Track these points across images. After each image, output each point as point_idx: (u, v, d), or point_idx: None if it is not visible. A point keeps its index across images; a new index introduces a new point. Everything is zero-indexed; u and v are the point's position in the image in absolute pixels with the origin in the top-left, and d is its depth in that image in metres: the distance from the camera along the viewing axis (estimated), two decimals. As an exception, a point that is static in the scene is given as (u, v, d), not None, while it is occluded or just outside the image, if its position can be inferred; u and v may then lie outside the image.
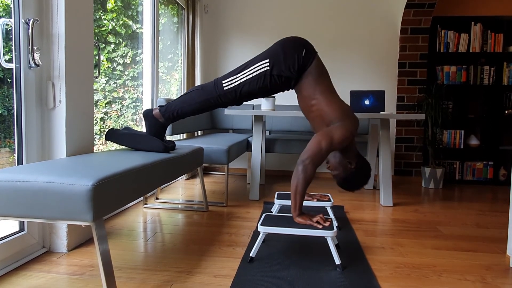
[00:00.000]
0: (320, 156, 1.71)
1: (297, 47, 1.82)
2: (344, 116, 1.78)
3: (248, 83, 1.84)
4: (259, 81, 1.83)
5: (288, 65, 1.80)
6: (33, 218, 1.16)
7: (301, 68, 1.81)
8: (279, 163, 4.25)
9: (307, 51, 1.82)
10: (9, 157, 1.79)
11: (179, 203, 2.74)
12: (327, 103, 1.79)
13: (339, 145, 1.75)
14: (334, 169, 1.90)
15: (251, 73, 1.83)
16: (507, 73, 3.82)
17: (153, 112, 1.93)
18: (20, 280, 1.42)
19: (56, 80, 1.68)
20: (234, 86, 1.85)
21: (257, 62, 1.84)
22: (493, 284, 1.51)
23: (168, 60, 3.71)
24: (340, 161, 1.88)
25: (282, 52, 1.82)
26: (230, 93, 1.86)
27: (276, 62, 1.81)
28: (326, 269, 1.58)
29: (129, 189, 1.35)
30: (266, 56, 1.84)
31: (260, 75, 1.82)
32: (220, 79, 1.88)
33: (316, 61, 1.84)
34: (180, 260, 1.67)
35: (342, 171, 1.87)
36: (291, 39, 1.86)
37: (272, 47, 1.87)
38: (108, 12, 2.75)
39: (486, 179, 3.92)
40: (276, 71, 1.81)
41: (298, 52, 1.81)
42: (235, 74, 1.86)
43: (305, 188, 1.69)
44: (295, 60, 1.80)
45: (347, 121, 1.77)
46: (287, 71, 1.81)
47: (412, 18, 3.85)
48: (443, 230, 2.23)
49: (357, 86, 4.08)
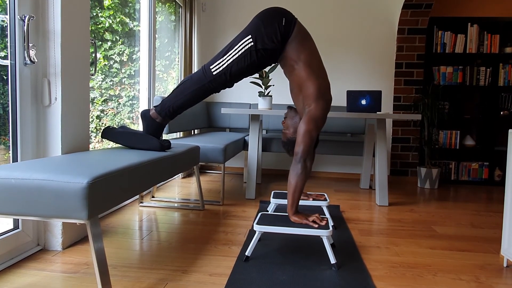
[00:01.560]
0: (312, 145, 1.77)
1: (276, 17, 1.83)
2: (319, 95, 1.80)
3: (235, 63, 1.84)
4: (246, 59, 1.84)
5: (270, 36, 1.81)
6: (28, 216, 1.16)
7: (284, 36, 1.83)
8: (275, 162, 4.25)
9: (286, 19, 1.84)
10: (4, 155, 1.78)
11: (175, 201, 2.74)
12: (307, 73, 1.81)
13: (322, 125, 1.81)
14: (286, 128, 1.99)
15: (236, 52, 1.84)
16: (503, 74, 3.84)
17: (150, 112, 1.93)
18: (14, 278, 1.42)
19: (51, 77, 1.67)
20: (223, 69, 1.86)
21: (240, 40, 1.85)
22: (487, 283, 1.52)
23: (165, 58, 3.70)
24: (294, 124, 1.97)
25: (262, 25, 1.82)
26: (220, 76, 1.87)
27: (259, 36, 1.82)
28: (321, 268, 1.58)
29: (124, 187, 1.35)
30: (247, 32, 1.84)
31: (246, 52, 1.83)
32: (207, 65, 1.88)
33: (297, 27, 1.86)
34: (176, 258, 1.67)
35: (292, 132, 1.97)
36: (269, 10, 1.87)
37: (252, 22, 1.87)
38: (105, 9, 2.74)
39: (482, 179, 3.94)
40: (260, 44, 1.82)
41: (278, 21, 1.82)
42: (221, 57, 1.86)
43: (303, 185, 1.72)
44: (276, 30, 1.81)
45: (321, 100, 1.80)
46: (271, 43, 1.82)
47: (409, 18, 3.86)
48: (438, 230, 2.24)
49: (354, 86, 4.09)
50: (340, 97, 4.12)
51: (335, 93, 4.12)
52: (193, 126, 3.55)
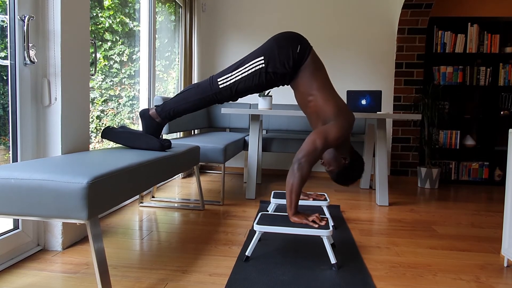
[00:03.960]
0: (315, 155, 1.71)
1: (291, 43, 1.80)
2: (339, 113, 1.77)
3: (243, 80, 1.83)
4: (255, 78, 1.82)
5: (283, 61, 1.79)
6: (28, 216, 1.16)
7: (296, 64, 1.80)
8: (275, 162, 4.25)
9: (301, 46, 1.81)
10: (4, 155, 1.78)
11: (175, 201, 2.74)
12: (323, 99, 1.79)
13: (333, 143, 1.75)
14: (329, 165, 1.90)
15: (246, 70, 1.82)
16: (503, 74, 3.84)
17: (149, 112, 1.92)
18: (14, 278, 1.42)
19: (51, 77, 1.67)
20: (230, 84, 1.84)
21: (252, 59, 1.83)
22: (487, 283, 1.52)
23: (165, 58, 3.70)
24: (334, 157, 1.88)
25: (277, 48, 1.80)
26: (226, 90, 1.85)
27: (271, 59, 1.80)
28: (321, 268, 1.58)
29: (124, 188, 1.35)
30: (260, 53, 1.83)
31: (255, 72, 1.81)
32: (215, 77, 1.87)
33: (311, 56, 1.83)
34: (176, 258, 1.67)
35: (336, 166, 1.88)
36: (285, 35, 1.85)
37: (267, 43, 1.86)
38: (105, 9, 2.74)
39: (482, 179, 3.94)
40: (271, 68, 1.80)
41: (293, 48, 1.79)
42: (230, 72, 1.85)
43: (300, 187, 1.69)
44: (290, 56, 1.79)
45: (342, 118, 1.77)
46: (282, 68, 1.80)
47: (409, 18, 3.86)
48: (439, 229, 2.24)
49: (354, 86, 4.09)
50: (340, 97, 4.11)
51: (335, 93, 4.11)
52: (193, 126, 3.55)
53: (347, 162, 1.86)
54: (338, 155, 1.86)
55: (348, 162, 1.86)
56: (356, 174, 1.89)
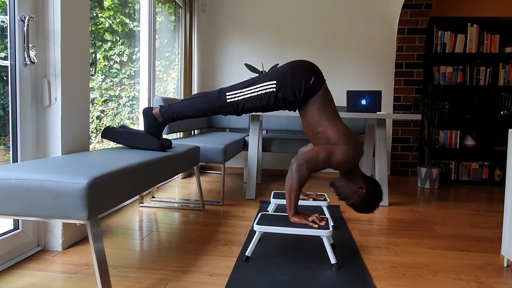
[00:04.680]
0: (315, 163, 1.71)
1: (306, 73, 1.80)
2: (349, 141, 1.76)
3: (251, 100, 1.83)
4: (263, 100, 1.83)
5: (294, 90, 1.79)
6: (28, 216, 1.16)
7: (307, 94, 1.80)
8: (275, 162, 4.25)
9: (315, 78, 1.81)
10: (4, 155, 1.78)
11: (175, 201, 2.74)
12: (333, 129, 1.78)
13: (335, 164, 1.74)
14: (348, 199, 1.87)
15: (256, 90, 1.83)
16: (503, 74, 3.84)
17: (153, 111, 1.93)
18: (14, 278, 1.42)
19: (51, 77, 1.67)
20: (237, 100, 1.85)
21: (264, 81, 1.83)
22: (487, 283, 1.52)
23: (165, 59, 3.70)
24: (351, 190, 1.85)
25: (291, 76, 1.80)
26: (232, 105, 1.86)
27: (283, 85, 1.80)
28: (321, 268, 1.58)
29: (124, 188, 1.35)
30: (274, 77, 1.82)
31: (265, 94, 1.82)
32: (224, 90, 1.87)
33: (323, 89, 1.83)
34: (176, 259, 1.67)
35: (356, 198, 1.85)
36: (301, 63, 1.84)
37: (282, 67, 1.85)
38: (105, 10, 2.74)
39: (482, 179, 3.94)
40: (281, 94, 1.80)
41: (307, 78, 1.79)
42: (240, 88, 1.85)
43: (299, 188, 1.69)
44: (302, 86, 1.79)
45: (351, 146, 1.75)
46: (292, 96, 1.80)
47: (409, 18, 3.86)
48: (438, 229, 2.24)
49: (354, 86, 4.09)
50: (340, 97, 4.12)
51: (335, 93, 4.12)
52: (193, 126, 3.55)
53: (364, 191, 1.84)
54: (354, 187, 1.84)
55: (365, 190, 1.84)
56: (377, 199, 1.87)
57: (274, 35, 4.13)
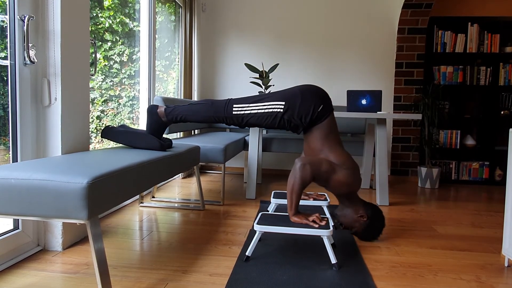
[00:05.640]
0: (318, 169, 1.71)
1: (316, 100, 1.80)
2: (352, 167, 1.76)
3: (257, 116, 1.84)
4: (268, 118, 1.83)
5: (301, 114, 1.79)
6: (28, 216, 1.16)
7: (313, 121, 1.81)
8: (276, 162, 4.25)
9: (324, 106, 1.81)
10: (4, 155, 1.78)
11: (176, 201, 2.73)
12: (335, 155, 1.78)
13: (333, 183, 1.75)
14: (351, 227, 1.88)
15: (263, 108, 1.83)
16: (503, 74, 3.84)
17: (158, 109, 1.93)
18: (14, 278, 1.42)
19: (51, 77, 1.67)
20: (243, 114, 1.86)
21: (273, 100, 1.83)
22: (487, 283, 1.51)
23: (165, 59, 3.70)
24: (352, 218, 1.86)
25: (300, 100, 1.80)
26: (237, 118, 1.87)
27: (291, 108, 1.80)
28: (322, 268, 1.58)
29: (125, 188, 1.35)
30: (283, 98, 1.83)
31: (271, 113, 1.83)
32: (232, 102, 1.88)
33: (330, 118, 1.83)
34: (176, 258, 1.67)
35: (358, 227, 1.86)
36: (313, 89, 1.84)
37: (293, 90, 1.85)
38: (105, 9, 2.74)
39: (482, 179, 3.93)
40: (287, 116, 1.81)
41: (315, 105, 1.79)
42: (248, 103, 1.86)
43: (301, 188, 1.69)
44: (309, 112, 1.79)
45: (353, 172, 1.76)
46: (298, 120, 1.80)
47: (409, 18, 3.85)
48: (439, 229, 2.24)
49: (354, 85, 4.09)
50: (340, 97, 4.12)
51: (335, 93, 4.12)
52: (193, 126, 3.55)
53: (366, 219, 1.84)
54: (354, 216, 1.85)
55: (366, 218, 1.84)
56: (379, 226, 1.88)
57: (274, 35, 4.13)
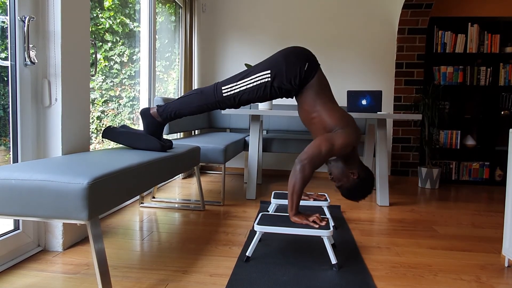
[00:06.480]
0: (319, 159, 1.70)
1: (300, 60, 1.79)
2: (346, 124, 1.76)
3: (247, 92, 1.83)
4: (259, 91, 1.82)
5: (289, 78, 1.78)
6: (28, 217, 1.16)
7: (302, 81, 1.79)
8: (276, 163, 4.25)
9: (310, 65, 1.79)
10: (5, 156, 1.78)
11: (176, 202, 2.74)
12: (328, 114, 1.78)
13: (338, 151, 1.74)
14: (338, 181, 1.87)
15: (251, 82, 1.82)
16: (504, 74, 3.84)
17: (150, 111, 1.92)
18: (14, 279, 1.42)
19: (52, 78, 1.67)
20: (233, 94, 1.84)
21: (258, 71, 1.82)
22: (488, 283, 1.52)
23: (166, 59, 3.70)
24: (342, 172, 1.85)
25: (285, 64, 1.78)
26: (229, 99, 1.85)
27: (278, 74, 1.78)
28: (322, 268, 1.58)
29: (125, 188, 1.35)
30: (268, 67, 1.81)
31: (261, 85, 1.81)
32: (220, 85, 1.86)
33: (318, 74, 1.82)
34: (176, 259, 1.67)
35: (345, 182, 1.84)
36: (294, 50, 1.83)
37: (275, 56, 1.84)
38: (105, 10, 2.74)
39: (482, 179, 3.93)
40: (277, 83, 1.79)
41: (301, 65, 1.78)
42: (235, 82, 1.84)
43: (302, 188, 1.69)
44: (297, 73, 1.77)
45: (349, 129, 1.75)
46: (288, 84, 1.79)
47: (409, 18, 3.86)
48: (439, 230, 2.24)
49: (354, 86, 4.09)
50: (340, 97, 4.12)
51: (335, 93, 4.12)
52: (194, 126, 3.55)
53: (356, 177, 1.83)
54: (346, 170, 1.84)
55: (356, 177, 1.83)
56: (366, 189, 1.85)
57: (274, 35, 4.13)
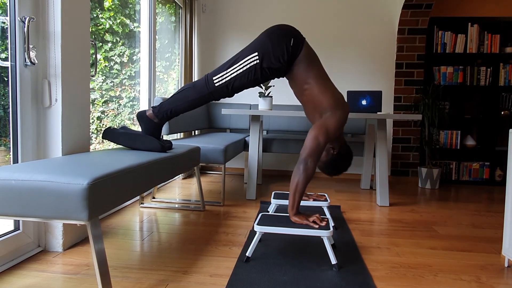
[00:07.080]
0: (319, 150, 1.74)
1: (285, 36, 1.79)
2: (337, 105, 1.79)
3: (239, 77, 1.83)
4: (250, 75, 1.82)
5: (277, 56, 1.78)
6: (28, 217, 1.16)
7: (291, 57, 1.80)
8: (276, 163, 4.25)
9: (295, 40, 1.80)
10: (5, 156, 1.78)
11: (176, 202, 2.74)
12: (319, 89, 1.80)
13: (334, 135, 1.78)
14: None
15: (241, 67, 1.82)
16: (504, 74, 3.84)
17: (146, 113, 1.93)
18: (15, 279, 1.42)
19: (52, 78, 1.67)
20: (225, 82, 1.85)
21: (246, 55, 1.82)
22: (488, 284, 1.52)
23: (166, 59, 3.70)
24: None
25: (270, 43, 1.79)
26: (222, 88, 1.86)
27: (265, 55, 1.79)
28: (322, 268, 1.58)
29: (125, 188, 1.35)
30: (254, 49, 1.82)
31: (250, 68, 1.81)
32: (210, 75, 1.87)
33: (305, 48, 1.83)
34: (176, 259, 1.67)
35: (324, 155, 1.91)
36: (277, 28, 1.83)
37: (259, 38, 1.84)
38: (105, 10, 2.74)
39: (482, 179, 3.93)
40: (266, 63, 1.80)
41: (287, 42, 1.78)
42: (225, 70, 1.85)
43: (305, 186, 1.70)
44: (284, 51, 1.78)
45: (339, 110, 1.79)
46: (277, 62, 1.79)
47: (409, 18, 3.86)
48: (439, 230, 2.24)
49: (354, 86, 4.09)
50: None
51: (335, 94, 4.11)
52: (194, 126, 3.55)
53: (335, 152, 1.87)
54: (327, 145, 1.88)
55: (336, 152, 1.87)
56: (344, 164, 1.92)
57: (274, 35, 4.12)
